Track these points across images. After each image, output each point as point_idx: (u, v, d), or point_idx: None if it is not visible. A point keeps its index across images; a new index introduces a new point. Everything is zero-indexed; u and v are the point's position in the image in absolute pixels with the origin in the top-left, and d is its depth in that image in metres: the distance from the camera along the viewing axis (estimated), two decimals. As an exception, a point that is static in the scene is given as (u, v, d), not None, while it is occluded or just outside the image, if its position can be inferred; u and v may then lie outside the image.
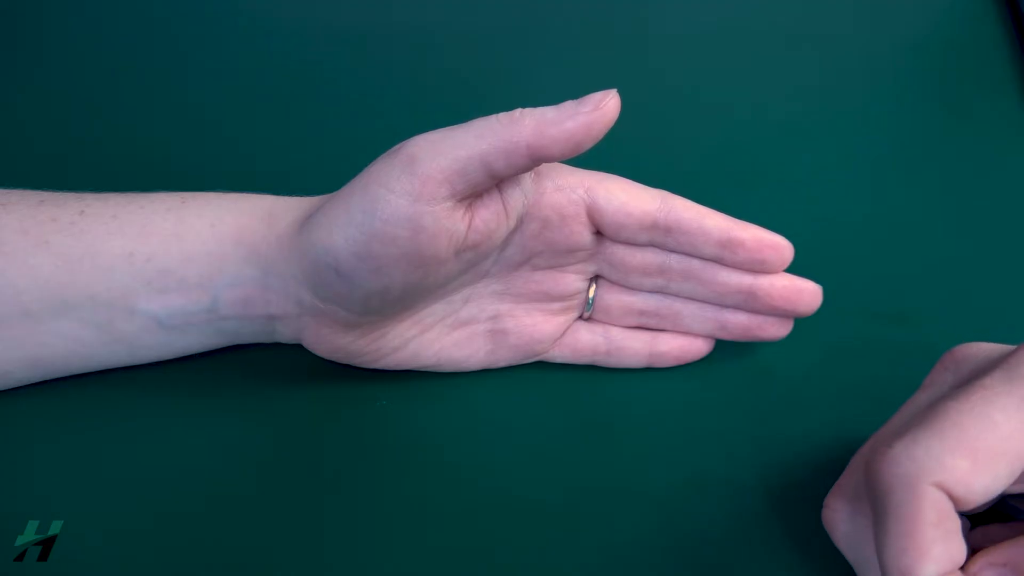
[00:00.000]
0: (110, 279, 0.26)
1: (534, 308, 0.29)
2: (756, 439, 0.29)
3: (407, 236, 0.24)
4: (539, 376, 0.30)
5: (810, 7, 0.42)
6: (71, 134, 0.36)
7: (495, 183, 0.25)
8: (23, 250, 0.26)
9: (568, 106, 0.23)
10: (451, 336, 0.29)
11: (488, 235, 0.26)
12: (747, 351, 0.31)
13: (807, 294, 0.28)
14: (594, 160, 0.26)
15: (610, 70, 0.39)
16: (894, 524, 0.19)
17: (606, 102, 0.23)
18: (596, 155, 0.25)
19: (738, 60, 0.40)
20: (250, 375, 0.30)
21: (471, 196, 0.24)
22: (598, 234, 0.28)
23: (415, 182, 0.23)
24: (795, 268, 0.28)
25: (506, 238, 0.27)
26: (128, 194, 0.28)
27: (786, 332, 0.29)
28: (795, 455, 0.29)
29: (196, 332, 0.28)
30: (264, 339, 0.29)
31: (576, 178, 0.27)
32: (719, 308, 0.29)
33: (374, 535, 0.27)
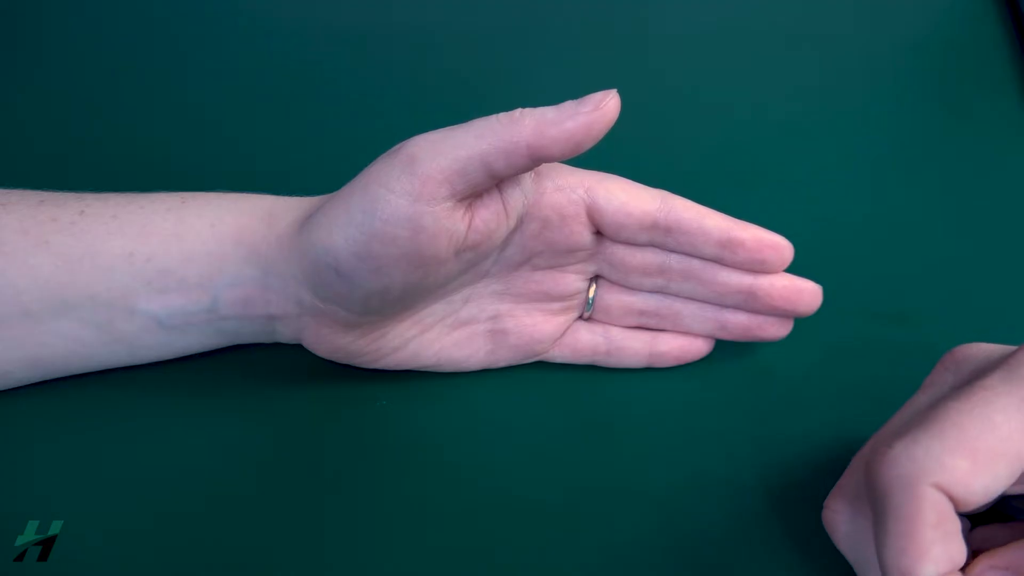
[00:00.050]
0: (110, 279, 0.26)
1: (534, 308, 0.29)
2: (756, 439, 0.29)
3: (407, 236, 0.24)
4: (539, 376, 0.30)
5: (810, 7, 0.42)
6: (71, 134, 0.36)
7: (495, 183, 0.25)
8: (23, 250, 0.26)
9: (568, 106, 0.23)
10: (451, 336, 0.29)
11: (488, 235, 0.26)
12: (747, 351, 0.31)
13: (807, 294, 0.28)
14: (594, 160, 0.26)
15: (610, 70, 0.39)
16: (894, 525, 0.19)
17: (606, 102, 0.23)
18: (596, 155, 0.25)
19: (738, 60, 0.40)
20: (250, 375, 0.30)
21: (471, 196, 0.24)
22: (598, 234, 0.28)
23: (415, 182, 0.23)
24: (795, 268, 0.28)
25: (506, 238, 0.27)
26: (128, 194, 0.28)
27: (786, 332, 0.29)
28: (795, 455, 0.29)
29: (196, 332, 0.28)
30: (264, 339, 0.29)
31: (576, 178, 0.27)
32: (719, 308, 0.29)
33: (374, 535, 0.27)
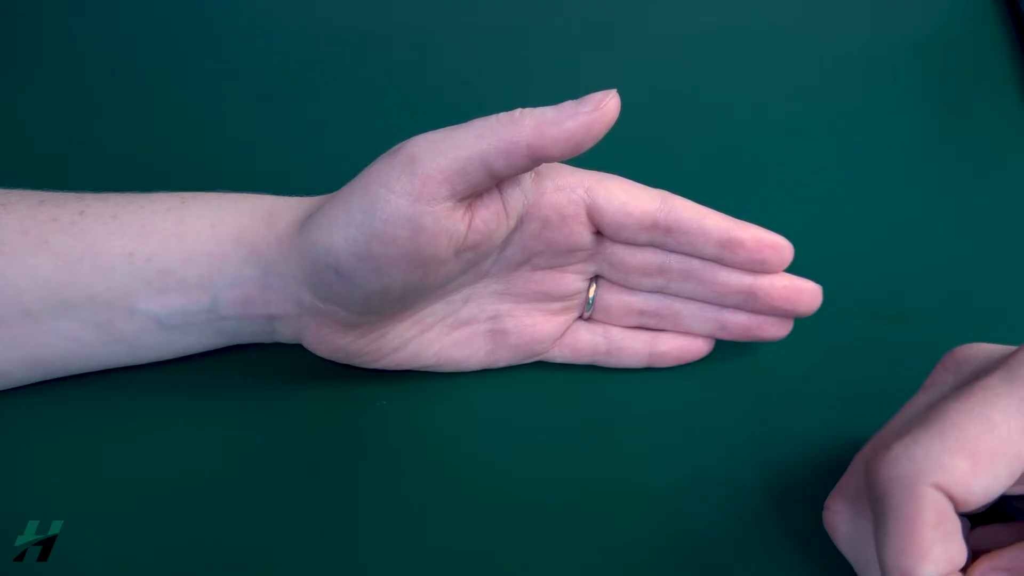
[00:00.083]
0: (110, 279, 0.26)
1: (534, 308, 0.29)
2: (756, 439, 0.29)
3: (407, 236, 0.24)
4: (539, 376, 0.30)
5: (810, 7, 0.42)
6: (71, 134, 0.36)
7: (495, 183, 0.25)
8: (23, 250, 0.26)
9: (568, 106, 0.23)
10: (451, 336, 0.29)
11: (488, 235, 0.26)
12: (747, 351, 0.31)
13: (807, 294, 0.28)
14: (594, 160, 0.26)
15: (610, 70, 0.39)
16: (893, 525, 0.19)
17: (606, 102, 0.23)
18: (596, 155, 0.25)
19: (738, 60, 0.40)
20: (250, 375, 0.30)
21: (471, 196, 0.24)
22: (598, 234, 0.28)
23: (415, 182, 0.23)
24: (795, 268, 0.28)
25: (506, 238, 0.27)
26: (128, 194, 0.28)
27: (786, 332, 0.29)
28: (795, 455, 0.29)
29: (196, 332, 0.28)
30: (264, 339, 0.29)
31: (576, 178, 0.27)
32: (719, 308, 0.29)
33: (374, 535, 0.27)
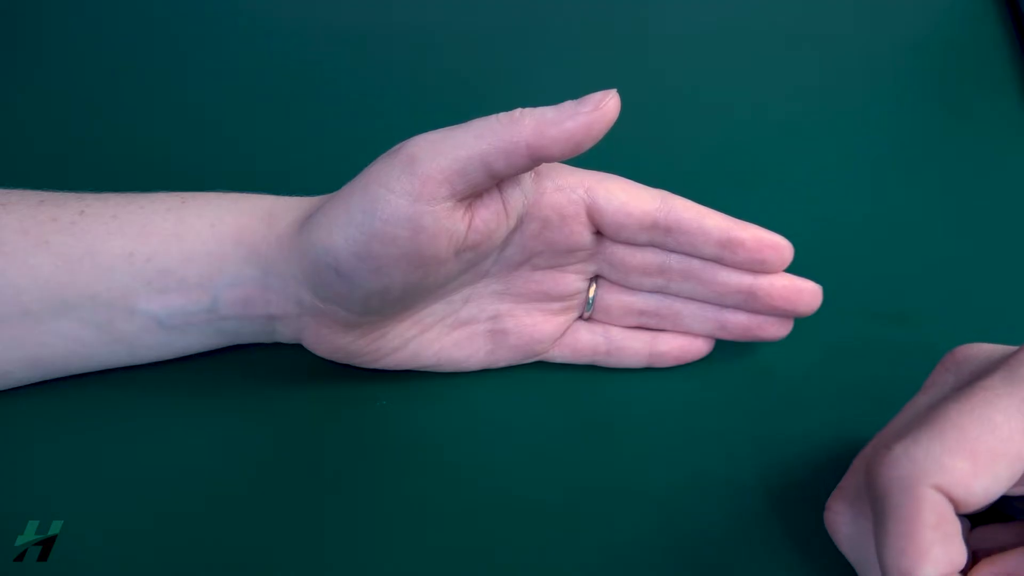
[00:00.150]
0: (110, 279, 0.26)
1: (534, 308, 0.29)
2: (756, 439, 0.29)
3: (407, 236, 0.24)
4: (539, 376, 0.30)
5: (810, 7, 0.42)
6: (71, 134, 0.36)
7: (495, 183, 0.25)
8: (23, 250, 0.26)
9: (568, 106, 0.23)
10: (451, 336, 0.29)
11: (488, 235, 0.26)
12: (747, 351, 0.31)
13: (807, 294, 0.28)
14: (594, 160, 0.26)
15: (610, 70, 0.39)
16: (893, 526, 0.19)
17: (606, 102, 0.23)
18: (596, 155, 0.25)
19: (738, 60, 0.40)
20: (250, 375, 0.30)
21: (471, 196, 0.24)
22: (598, 234, 0.28)
23: (415, 182, 0.23)
24: (795, 268, 0.28)
25: (506, 238, 0.27)
26: (128, 194, 0.28)
27: (786, 332, 0.29)
28: (795, 455, 0.29)
29: (196, 332, 0.28)
30: (264, 339, 0.29)
31: (576, 178, 0.27)
32: (719, 308, 0.29)
33: (374, 535, 0.27)
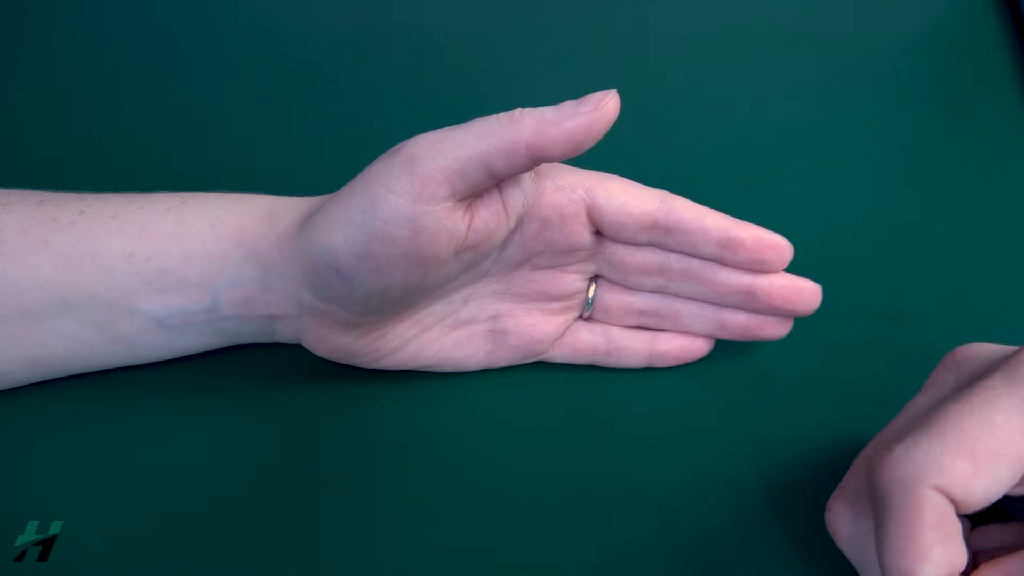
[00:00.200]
0: (110, 279, 0.26)
1: (534, 308, 0.29)
2: (756, 439, 0.29)
3: (407, 236, 0.24)
4: (539, 376, 0.30)
5: (810, 7, 0.42)
6: (71, 134, 0.36)
7: (495, 183, 0.25)
8: (23, 250, 0.26)
9: (568, 106, 0.23)
10: (451, 336, 0.29)
11: (488, 235, 0.26)
12: (747, 351, 0.31)
13: (807, 293, 0.28)
14: (594, 160, 0.26)
15: (610, 70, 0.39)
16: (894, 526, 0.19)
17: (606, 102, 0.23)
18: (596, 155, 0.25)
19: (738, 60, 0.40)
20: (250, 375, 0.30)
21: (471, 196, 0.24)
22: (598, 234, 0.28)
23: (415, 182, 0.23)
24: (795, 268, 0.28)
25: (506, 238, 0.27)
26: (128, 194, 0.28)
27: (786, 332, 0.29)
28: (795, 455, 0.29)
29: (196, 332, 0.28)
30: (264, 339, 0.29)
31: (576, 178, 0.27)
32: (719, 308, 0.29)
33: (374, 535, 0.27)
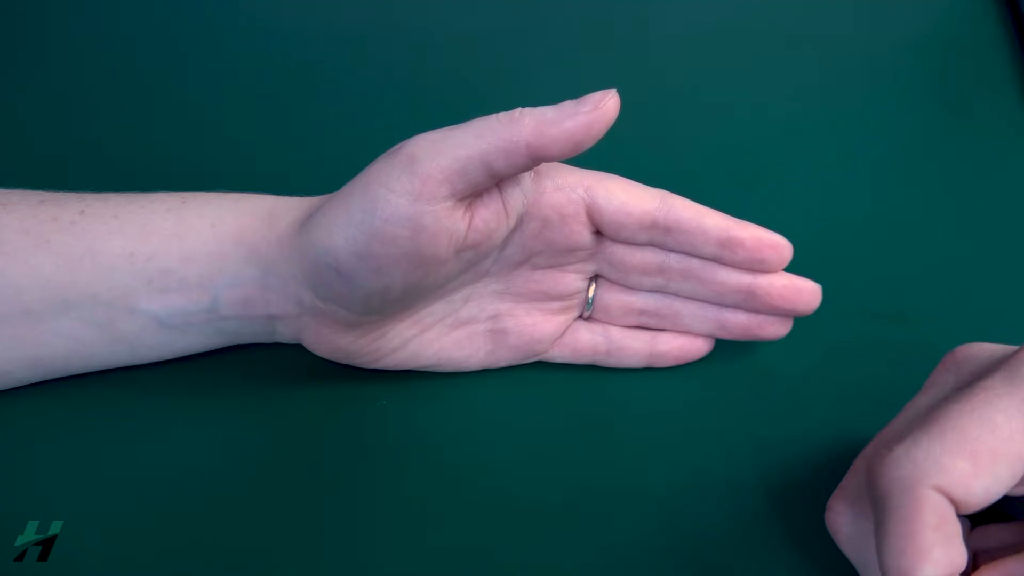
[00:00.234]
0: (111, 279, 0.26)
1: (534, 308, 0.29)
2: (756, 439, 0.29)
3: (407, 236, 0.24)
4: (539, 376, 0.30)
5: (810, 7, 0.42)
6: (71, 134, 0.36)
7: (495, 183, 0.25)
8: (24, 250, 0.26)
9: (568, 106, 0.23)
10: (451, 336, 0.29)
11: (488, 235, 0.26)
12: (747, 351, 0.31)
13: (806, 293, 0.28)
14: (594, 160, 0.26)
15: (610, 70, 0.39)
16: (894, 526, 0.19)
17: (606, 102, 0.23)
18: (596, 155, 0.25)
19: (738, 60, 0.40)
20: (250, 375, 0.30)
21: (471, 196, 0.24)
22: (598, 234, 0.28)
23: (415, 182, 0.23)
24: (795, 268, 0.28)
25: (506, 237, 0.27)
26: (128, 194, 0.28)
27: (786, 332, 0.29)
28: (795, 455, 0.29)
29: (196, 332, 0.28)
30: (264, 339, 0.29)
31: (576, 177, 0.27)
32: (719, 308, 0.29)
33: (374, 535, 0.27)
